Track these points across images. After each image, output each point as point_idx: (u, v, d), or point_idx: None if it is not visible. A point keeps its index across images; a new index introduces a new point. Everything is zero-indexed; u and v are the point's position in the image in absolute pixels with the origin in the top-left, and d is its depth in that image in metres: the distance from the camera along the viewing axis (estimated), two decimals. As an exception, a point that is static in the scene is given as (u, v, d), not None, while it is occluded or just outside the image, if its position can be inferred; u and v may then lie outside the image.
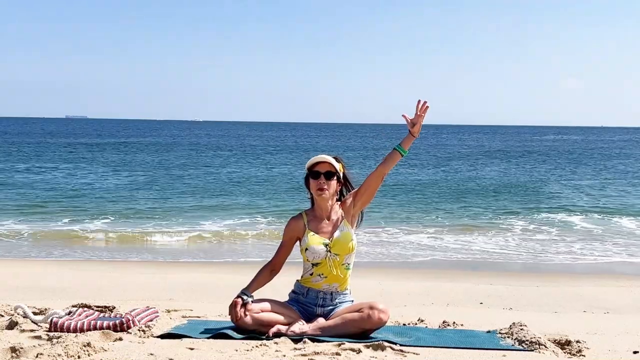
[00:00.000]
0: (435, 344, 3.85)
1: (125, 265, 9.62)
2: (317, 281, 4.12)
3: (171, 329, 4.05)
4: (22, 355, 3.38)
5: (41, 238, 12.17)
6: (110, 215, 14.96)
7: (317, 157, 4.17)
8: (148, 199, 18.31)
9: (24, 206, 16.26)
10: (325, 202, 4.16)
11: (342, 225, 4.14)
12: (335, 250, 4.08)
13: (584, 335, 4.42)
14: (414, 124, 4.18)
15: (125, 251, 11.25)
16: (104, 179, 23.84)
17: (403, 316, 4.83)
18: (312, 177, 4.15)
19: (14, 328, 4.03)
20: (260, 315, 3.97)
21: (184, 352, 3.48)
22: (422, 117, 4.19)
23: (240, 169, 29.64)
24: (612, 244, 12.24)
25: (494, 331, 4.19)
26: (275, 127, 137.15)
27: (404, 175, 26.82)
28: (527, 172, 29.63)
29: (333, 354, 3.51)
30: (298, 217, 4.24)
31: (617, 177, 27.52)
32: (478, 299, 6.94)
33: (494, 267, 10.20)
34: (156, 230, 13.14)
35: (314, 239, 4.10)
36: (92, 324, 3.95)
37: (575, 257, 11.18)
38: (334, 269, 4.08)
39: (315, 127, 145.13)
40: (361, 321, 3.91)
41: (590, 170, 31.64)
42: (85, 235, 12.40)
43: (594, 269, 10.19)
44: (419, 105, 4.19)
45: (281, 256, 4.25)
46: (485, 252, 11.47)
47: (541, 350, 3.72)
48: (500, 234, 13.10)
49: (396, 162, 4.20)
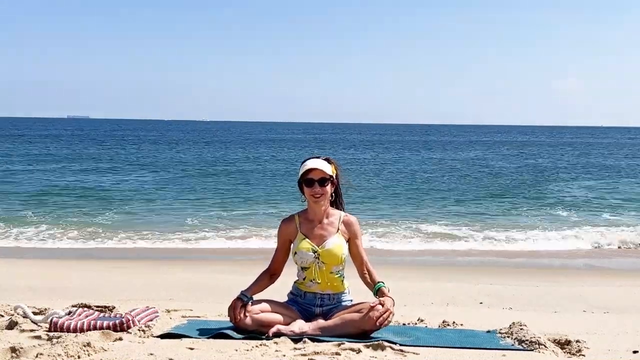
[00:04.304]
0: (435, 344, 3.84)
1: (126, 265, 9.61)
2: (310, 286, 4.14)
3: (171, 328, 4.05)
4: (22, 355, 3.38)
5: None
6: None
7: (309, 163, 4.16)
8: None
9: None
10: (320, 207, 4.17)
11: (336, 237, 4.13)
12: (323, 258, 4.08)
13: (584, 334, 4.41)
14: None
15: (126, 250, 11.27)
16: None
17: (403, 316, 4.83)
18: (305, 184, 4.15)
19: (14, 328, 4.03)
20: (260, 315, 3.97)
21: (183, 352, 3.48)
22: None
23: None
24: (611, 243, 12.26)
25: (493, 331, 4.19)
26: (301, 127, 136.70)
27: (405, 173, 26.83)
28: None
29: (333, 353, 3.51)
30: (290, 220, 4.25)
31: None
32: (478, 298, 6.94)
33: (494, 266, 10.19)
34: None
35: (303, 243, 4.10)
36: (92, 324, 3.95)
37: (576, 256, 11.18)
38: (319, 276, 4.09)
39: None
40: (361, 321, 3.90)
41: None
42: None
43: (594, 268, 10.19)
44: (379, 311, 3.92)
45: (279, 260, 4.26)
46: (485, 251, 11.47)
47: (541, 350, 3.72)
48: (502, 233, 13.10)
49: (367, 286, 4.21)
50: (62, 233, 12.69)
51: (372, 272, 4.20)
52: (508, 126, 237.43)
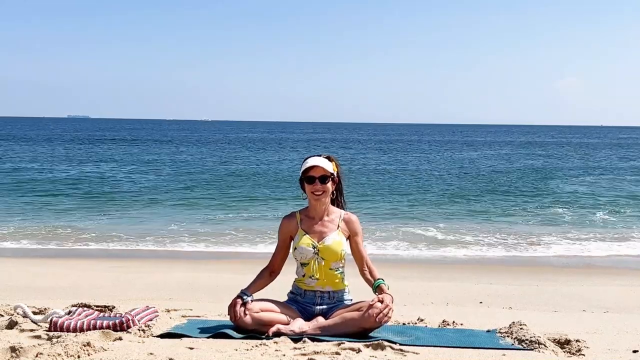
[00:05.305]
0: (435, 344, 3.84)
1: (126, 265, 9.61)
2: (310, 283, 4.15)
3: (171, 328, 4.05)
4: (21, 354, 3.38)
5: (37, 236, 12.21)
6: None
7: (310, 161, 4.20)
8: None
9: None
10: (321, 205, 4.20)
11: (336, 234, 4.16)
12: (322, 254, 4.11)
13: (584, 334, 4.41)
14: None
15: (127, 250, 11.27)
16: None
17: (403, 315, 4.83)
18: (307, 182, 4.19)
19: (14, 328, 4.02)
20: (260, 314, 3.97)
21: (183, 352, 3.48)
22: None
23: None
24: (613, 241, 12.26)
25: (493, 330, 4.19)
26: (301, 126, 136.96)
27: (405, 173, 26.83)
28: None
29: (333, 353, 3.51)
30: (291, 216, 4.28)
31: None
32: (478, 298, 6.94)
33: (494, 266, 10.19)
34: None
35: (303, 239, 4.14)
36: (91, 324, 3.95)
37: (576, 256, 11.18)
38: (318, 272, 4.11)
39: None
40: (361, 320, 3.90)
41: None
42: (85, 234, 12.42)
43: (594, 267, 10.20)
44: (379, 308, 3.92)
45: (279, 258, 4.28)
46: (485, 251, 11.47)
47: (541, 349, 3.71)
48: (502, 233, 13.10)
49: (367, 282, 4.22)
50: (61, 233, 12.69)
51: (373, 269, 4.22)
52: (507, 125, 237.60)
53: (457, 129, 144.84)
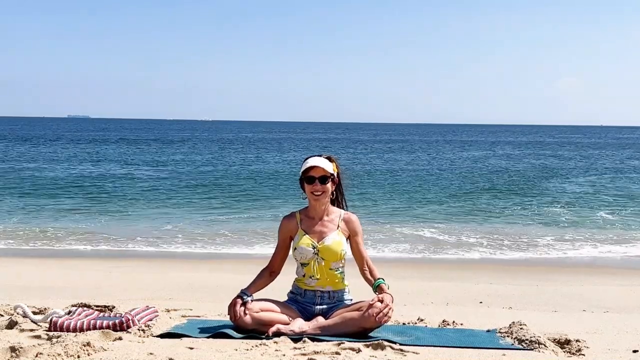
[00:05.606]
0: (435, 343, 3.84)
1: (126, 265, 9.62)
2: (310, 283, 4.15)
3: (171, 328, 4.04)
4: (21, 354, 3.38)
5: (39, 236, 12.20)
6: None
7: (310, 161, 4.20)
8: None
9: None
10: (321, 205, 4.20)
11: (336, 234, 4.16)
12: (322, 254, 4.11)
13: (584, 334, 4.41)
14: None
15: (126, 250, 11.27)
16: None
17: (403, 315, 4.83)
18: (307, 182, 4.19)
19: (14, 327, 4.02)
20: (260, 314, 3.97)
21: (183, 352, 3.48)
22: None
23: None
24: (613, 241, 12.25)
25: (493, 330, 4.19)
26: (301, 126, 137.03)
27: (406, 173, 26.82)
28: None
29: (333, 353, 3.50)
30: (291, 216, 4.28)
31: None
32: (478, 298, 6.94)
33: (494, 266, 10.20)
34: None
35: (303, 239, 4.14)
36: (91, 324, 3.95)
37: (576, 256, 11.18)
38: (318, 272, 4.11)
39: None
40: (361, 320, 3.90)
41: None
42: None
43: (594, 267, 10.20)
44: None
45: (279, 258, 4.28)
46: (485, 251, 11.46)
47: (541, 349, 3.71)
48: (501, 233, 13.10)
49: (367, 282, 4.22)
50: (61, 233, 12.69)
51: (373, 268, 4.22)
52: (507, 125, 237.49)
53: (457, 128, 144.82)
